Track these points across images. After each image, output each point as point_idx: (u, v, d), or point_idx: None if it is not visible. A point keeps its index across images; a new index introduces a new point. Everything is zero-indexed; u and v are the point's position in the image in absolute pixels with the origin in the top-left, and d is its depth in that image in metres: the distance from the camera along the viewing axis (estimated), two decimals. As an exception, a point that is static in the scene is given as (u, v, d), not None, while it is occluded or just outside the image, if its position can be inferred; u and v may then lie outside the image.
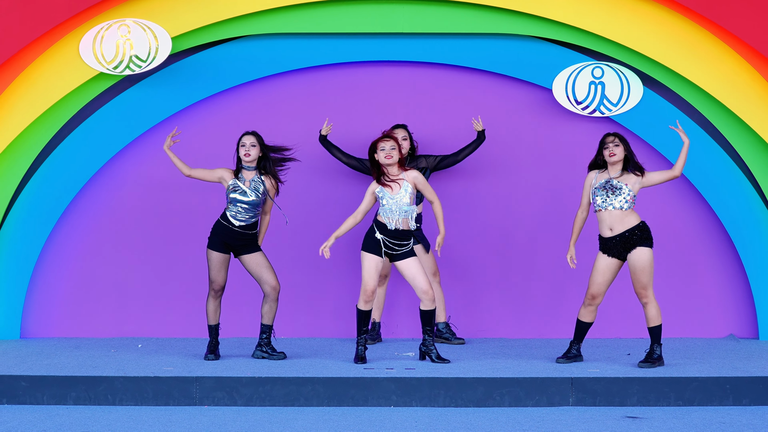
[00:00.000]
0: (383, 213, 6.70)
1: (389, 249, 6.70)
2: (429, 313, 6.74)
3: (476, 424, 5.72)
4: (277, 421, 5.83)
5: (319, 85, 7.95)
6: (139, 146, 7.94)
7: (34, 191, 7.80)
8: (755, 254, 7.77)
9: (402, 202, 6.67)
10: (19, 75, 7.61)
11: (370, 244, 6.70)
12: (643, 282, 6.57)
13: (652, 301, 6.60)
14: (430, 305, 6.72)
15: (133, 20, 7.58)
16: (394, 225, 6.67)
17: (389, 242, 6.68)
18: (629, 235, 6.57)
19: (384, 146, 6.70)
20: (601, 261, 6.64)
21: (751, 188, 7.76)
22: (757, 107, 7.59)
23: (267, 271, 6.95)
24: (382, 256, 6.70)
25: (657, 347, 6.62)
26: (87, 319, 7.98)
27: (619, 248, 6.60)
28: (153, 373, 6.38)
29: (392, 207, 6.67)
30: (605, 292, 6.69)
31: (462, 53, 7.82)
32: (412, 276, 6.72)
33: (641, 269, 6.55)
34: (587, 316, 6.73)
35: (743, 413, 5.96)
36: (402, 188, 6.69)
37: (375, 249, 6.70)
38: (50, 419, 5.85)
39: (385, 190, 6.70)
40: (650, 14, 7.63)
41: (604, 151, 6.68)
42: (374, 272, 6.71)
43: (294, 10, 7.73)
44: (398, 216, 6.67)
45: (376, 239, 6.69)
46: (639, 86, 7.70)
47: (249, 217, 6.92)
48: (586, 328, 6.75)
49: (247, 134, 6.98)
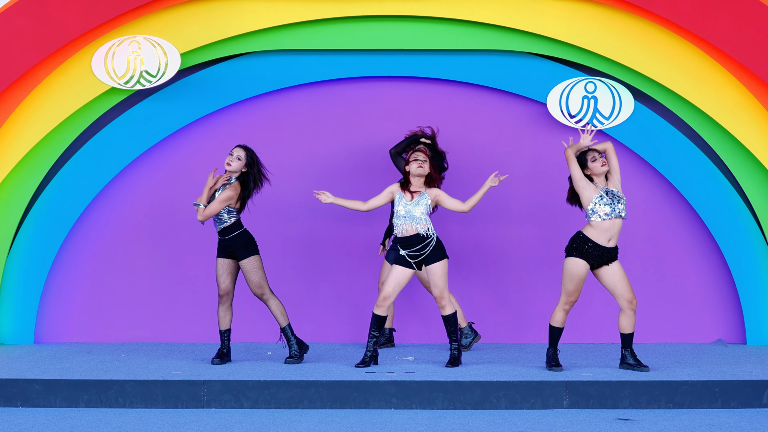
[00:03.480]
0: (395, 221, 6.77)
1: (411, 259, 6.76)
2: (447, 319, 6.81)
3: (474, 426, 5.75)
4: (281, 423, 5.86)
5: (322, 100, 7.97)
6: (149, 158, 7.96)
7: (49, 201, 7.82)
8: (742, 262, 7.78)
9: (414, 210, 6.75)
10: (34, 89, 7.64)
11: (399, 258, 6.77)
12: (631, 290, 6.61)
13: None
14: (446, 311, 6.79)
15: (143, 37, 7.59)
16: (406, 233, 6.73)
17: (409, 254, 6.74)
18: (615, 247, 6.63)
19: (417, 157, 6.77)
20: (580, 267, 6.58)
21: (738, 198, 7.77)
22: (743, 120, 7.60)
23: (253, 274, 6.91)
24: (413, 268, 6.75)
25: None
26: (99, 325, 8.01)
27: (602, 259, 6.60)
28: (162, 377, 6.40)
29: (402, 212, 6.74)
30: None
31: (460, 69, 7.84)
32: (435, 280, 6.77)
33: (625, 277, 6.60)
34: (563, 322, 6.71)
35: (731, 416, 6.00)
36: (419, 197, 6.76)
37: (403, 263, 6.77)
38: (63, 421, 5.89)
39: (404, 195, 6.79)
40: (641, 31, 7.65)
41: (594, 163, 6.63)
42: (394, 282, 6.74)
43: (298, 28, 7.76)
44: (408, 222, 6.73)
45: (401, 256, 6.77)
46: (630, 100, 7.70)
47: (219, 221, 6.90)
48: (560, 333, 6.75)
49: (237, 147, 6.97)
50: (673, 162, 7.84)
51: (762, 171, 7.72)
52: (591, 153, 6.68)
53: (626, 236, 7.68)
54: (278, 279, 7.82)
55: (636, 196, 7.80)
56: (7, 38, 7.56)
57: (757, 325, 7.85)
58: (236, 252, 6.93)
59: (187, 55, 7.78)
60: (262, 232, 7.70)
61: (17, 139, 7.70)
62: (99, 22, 7.58)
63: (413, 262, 6.78)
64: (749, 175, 7.74)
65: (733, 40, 7.50)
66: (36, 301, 7.92)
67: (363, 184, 7.86)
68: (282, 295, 7.62)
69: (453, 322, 6.83)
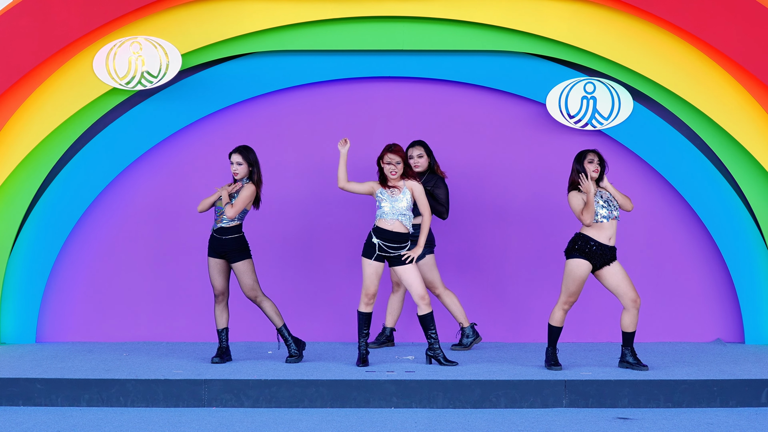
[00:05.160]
0: (380, 215, 6.79)
1: (384, 252, 6.77)
2: (426, 318, 6.82)
3: (473, 425, 5.78)
4: (282, 422, 5.87)
5: (323, 100, 7.99)
6: (151, 158, 7.98)
7: (51, 201, 7.84)
8: (741, 262, 7.80)
9: (400, 206, 6.77)
10: (36, 90, 7.66)
11: (368, 250, 6.80)
12: (634, 289, 6.63)
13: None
14: (426, 309, 6.80)
15: (144, 38, 7.61)
16: (389, 227, 6.78)
17: (384, 245, 6.77)
18: (614, 247, 6.66)
19: (391, 159, 6.78)
20: (583, 267, 6.61)
21: (737, 198, 7.79)
22: (741, 120, 7.62)
23: (245, 277, 6.92)
24: (378, 261, 6.77)
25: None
26: (100, 324, 8.02)
27: (604, 258, 6.62)
28: (163, 376, 6.42)
29: (389, 210, 6.76)
30: None
31: (460, 69, 7.86)
32: (409, 281, 6.79)
33: (627, 276, 6.63)
34: (562, 321, 6.73)
35: (730, 414, 6.03)
36: (401, 193, 6.79)
37: (371, 254, 6.79)
38: (64, 420, 5.90)
39: (386, 192, 6.80)
40: (640, 32, 7.67)
41: (589, 164, 6.65)
42: (373, 276, 6.77)
43: (298, 28, 7.79)
44: (393, 218, 6.76)
45: (372, 244, 6.79)
46: (629, 101, 7.72)
47: (221, 219, 6.92)
48: (560, 332, 6.77)
49: (234, 152, 6.95)
50: (671, 162, 7.86)
51: (760, 171, 7.74)
52: (590, 155, 6.70)
53: (625, 236, 7.71)
54: (278, 279, 7.85)
55: (635, 196, 7.82)
56: (9, 39, 7.58)
57: (756, 324, 7.87)
58: (229, 254, 6.93)
59: (188, 55, 7.80)
60: (260, 232, 7.73)
61: (19, 139, 7.72)
62: (100, 23, 7.61)
63: (386, 255, 6.78)
64: (748, 176, 7.76)
65: (732, 41, 7.52)
66: (38, 300, 7.94)
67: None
68: (281, 295, 7.66)
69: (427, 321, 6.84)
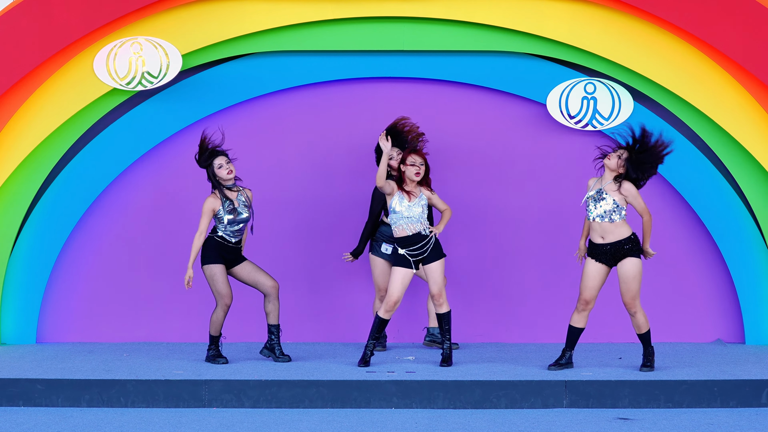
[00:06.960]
0: (395, 222, 6.81)
1: (412, 258, 6.82)
2: (445, 316, 6.86)
3: (474, 425, 5.79)
4: (283, 422, 5.89)
5: (323, 101, 8.01)
6: (151, 158, 8.00)
7: (51, 201, 7.85)
8: (741, 263, 7.81)
9: (414, 211, 6.81)
10: (37, 90, 7.68)
11: (399, 259, 6.83)
12: (632, 292, 6.58)
13: (640, 310, 6.64)
14: (445, 308, 6.86)
15: (145, 38, 7.63)
16: (408, 233, 6.79)
17: (409, 253, 6.80)
18: (619, 245, 6.58)
19: (415, 161, 6.82)
20: (591, 266, 6.64)
21: (737, 198, 7.80)
22: (742, 120, 7.64)
23: (261, 273, 7.01)
24: (411, 268, 6.83)
25: (651, 349, 6.71)
26: (100, 325, 8.03)
27: (609, 256, 6.61)
28: (164, 377, 6.44)
29: (403, 213, 6.79)
30: (596, 297, 6.69)
31: (461, 70, 7.88)
32: (436, 277, 6.84)
33: (632, 278, 6.56)
34: (581, 321, 6.69)
35: (730, 415, 6.04)
36: (418, 198, 6.83)
37: (404, 263, 6.83)
38: (64, 421, 5.92)
39: (404, 196, 6.84)
40: (640, 32, 7.68)
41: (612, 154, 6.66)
42: (399, 284, 6.80)
43: (299, 29, 7.80)
44: (409, 222, 6.79)
45: (400, 255, 6.83)
46: (629, 101, 7.74)
47: (240, 232, 6.99)
48: (579, 334, 6.71)
49: (220, 154, 6.94)
50: (672, 162, 7.86)
51: (760, 171, 7.76)
52: (616, 150, 6.67)
53: (626, 236, 7.74)
54: (278, 279, 7.81)
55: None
56: (9, 39, 7.60)
57: (756, 324, 7.88)
58: (238, 257, 7.01)
59: (189, 56, 7.82)
60: (261, 232, 7.73)
61: (20, 140, 7.74)
62: (101, 23, 7.63)
63: (413, 261, 6.82)
64: (748, 176, 7.77)
65: (732, 41, 7.54)
66: (38, 301, 7.96)
67: (363, 184, 7.88)
68: (281, 295, 7.65)
69: (448, 320, 6.89)
